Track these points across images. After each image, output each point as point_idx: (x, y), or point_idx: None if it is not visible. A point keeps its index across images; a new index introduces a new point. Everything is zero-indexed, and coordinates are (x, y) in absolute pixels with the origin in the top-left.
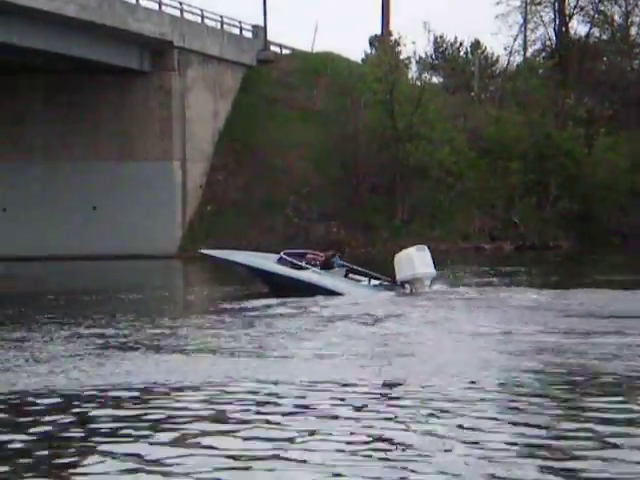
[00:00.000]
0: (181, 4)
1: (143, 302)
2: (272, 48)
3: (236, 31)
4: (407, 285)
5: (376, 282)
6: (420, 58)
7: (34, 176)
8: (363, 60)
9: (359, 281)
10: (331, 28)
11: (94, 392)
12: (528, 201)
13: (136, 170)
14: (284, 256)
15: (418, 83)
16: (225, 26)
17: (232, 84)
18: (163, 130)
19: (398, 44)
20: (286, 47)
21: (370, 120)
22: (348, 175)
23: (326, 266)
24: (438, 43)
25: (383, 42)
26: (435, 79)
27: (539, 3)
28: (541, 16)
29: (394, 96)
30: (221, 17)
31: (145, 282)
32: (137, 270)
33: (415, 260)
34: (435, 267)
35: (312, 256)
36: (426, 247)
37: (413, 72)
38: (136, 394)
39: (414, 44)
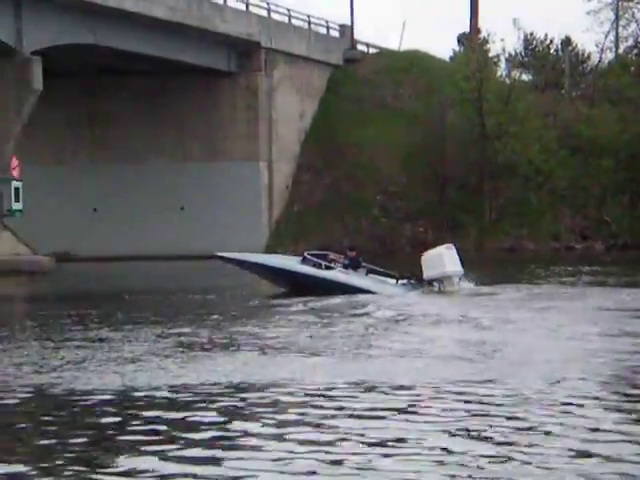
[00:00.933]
0: (268, 4)
1: (227, 302)
2: (359, 47)
3: (323, 30)
4: (435, 283)
5: (404, 281)
6: (509, 55)
7: (123, 177)
8: (451, 58)
9: (384, 280)
10: (419, 26)
11: (178, 390)
12: (620, 199)
13: (223, 171)
14: (308, 256)
15: (507, 81)
16: (312, 26)
17: (319, 84)
18: (250, 131)
19: (487, 42)
20: (373, 46)
21: (458, 118)
22: (435, 174)
23: (353, 266)
24: (528, 40)
25: (471, 40)
26: (525, 77)
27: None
28: (633, 13)
29: (482, 94)
30: (308, 17)
31: (231, 282)
32: (222, 270)
33: (445, 258)
34: (462, 266)
35: (333, 257)
36: (453, 246)
37: (502, 70)
38: (222, 391)
39: (503, 41)
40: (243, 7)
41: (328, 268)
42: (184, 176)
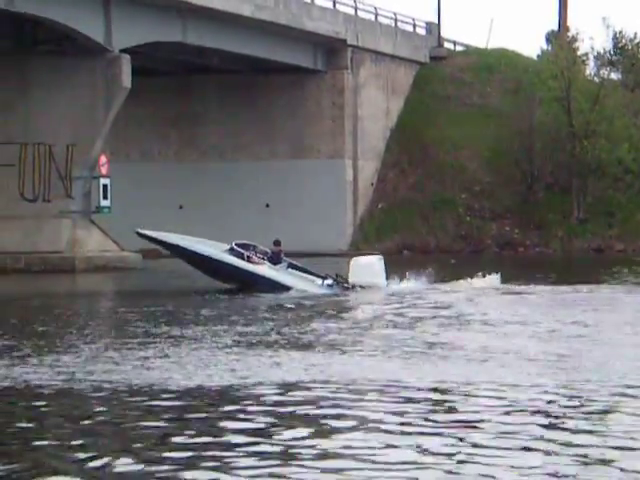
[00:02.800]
0: (355, 2)
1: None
2: (446, 45)
3: (409, 28)
4: (359, 289)
5: (329, 281)
6: (598, 54)
7: (209, 174)
8: (539, 56)
9: (310, 280)
10: (506, 24)
11: (239, 388)
12: None
13: (308, 168)
14: (236, 247)
15: (596, 79)
16: (399, 23)
17: (404, 81)
18: (335, 128)
19: (575, 40)
20: (460, 44)
21: (545, 117)
22: (522, 173)
23: (274, 260)
24: (617, 38)
25: (560, 38)
26: (613, 75)
27: None
28: None
29: (571, 93)
30: (395, 14)
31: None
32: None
33: (375, 268)
34: (387, 279)
35: (259, 250)
36: (383, 258)
37: (591, 68)
38: (281, 390)
39: (592, 40)
40: (330, 5)
41: (249, 260)
42: (270, 174)
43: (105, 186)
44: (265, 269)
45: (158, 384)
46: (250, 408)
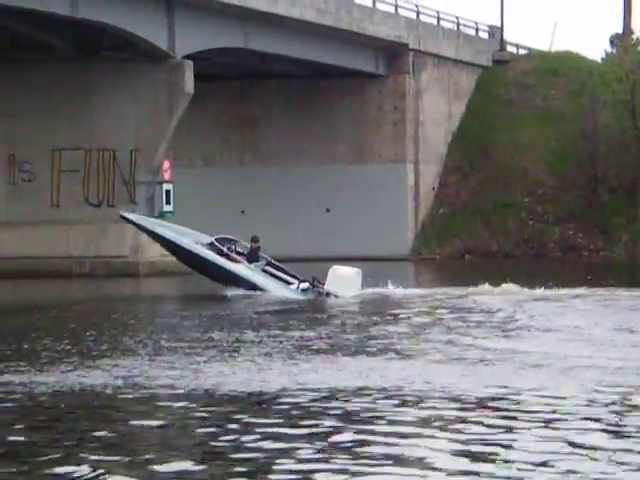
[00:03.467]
0: (417, 7)
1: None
2: (508, 48)
3: (472, 32)
4: (333, 297)
5: (305, 285)
6: None
7: (270, 179)
8: (603, 59)
9: (285, 283)
10: (570, 27)
11: (297, 393)
12: None
13: (369, 172)
14: (215, 242)
15: None
16: (461, 27)
17: (467, 85)
18: (396, 133)
19: None
20: (523, 47)
21: (609, 120)
22: (585, 176)
23: (251, 256)
24: None
25: (624, 41)
26: None
27: None
28: None
29: (635, 95)
30: (457, 18)
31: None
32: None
33: (352, 282)
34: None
35: (242, 245)
36: (361, 272)
37: None
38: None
39: None
40: (392, 10)
41: (227, 257)
42: (330, 178)
43: (168, 191)
44: (241, 268)
45: (218, 389)
46: (312, 414)
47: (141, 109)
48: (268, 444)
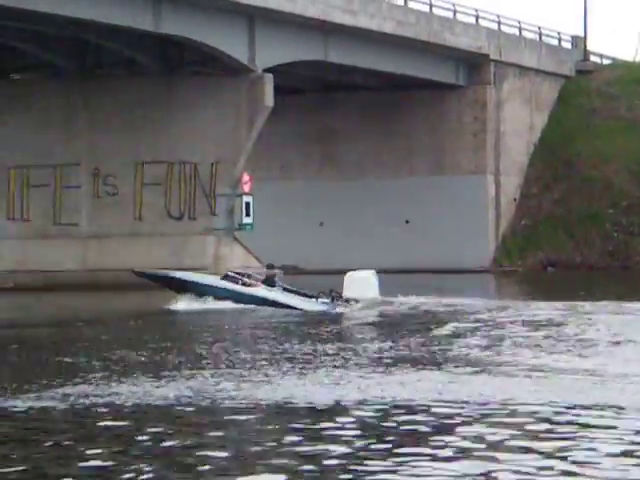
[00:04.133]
0: (499, 17)
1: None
2: (592, 58)
3: (554, 42)
4: (352, 302)
5: (324, 299)
6: None
7: (350, 191)
8: None
9: (306, 299)
10: None
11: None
12: None
13: (449, 184)
14: (230, 274)
15: None
16: (543, 37)
17: (549, 96)
18: (477, 144)
19: None
20: (607, 57)
21: None
22: None
23: (268, 283)
24: None
25: None
26: None
27: None
28: None
29: None
30: (539, 28)
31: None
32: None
33: (369, 283)
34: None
35: (254, 276)
36: (375, 272)
37: None
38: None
39: None
40: (473, 20)
41: (243, 284)
42: (409, 190)
43: (247, 203)
44: (259, 290)
45: (293, 401)
46: (395, 427)
47: (222, 122)
48: (354, 459)
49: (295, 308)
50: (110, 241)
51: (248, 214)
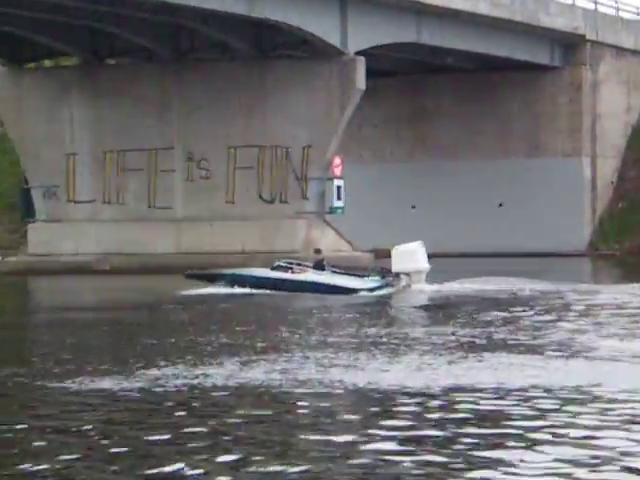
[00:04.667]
0: None
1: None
2: None
3: None
4: (402, 276)
5: (375, 277)
6: None
7: (442, 174)
8: None
9: (356, 278)
10: None
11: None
12: None
13: (543, 167)
14: (280, 264)
15: None
16: None
17: None
18: (572, 126)
19: None
20: None
21: None
22: None
23: (317, 268)
24: None
25: None
26: None
27: None
28: None
29: None
30: (637, 8)
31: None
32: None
33: (417, 254)
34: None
35: (304, 263)
36: (423, 243)
37: None
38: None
39: None
40: (569, 0)
41: (292, 271)
42: (503, 172)
43: (339, 187)
44: (310, 275)
45: (388, 386)
46: (497, 413)
47: (314, 106)
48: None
49: (347, 288)
50: (203, 224)
51: (339, 198)
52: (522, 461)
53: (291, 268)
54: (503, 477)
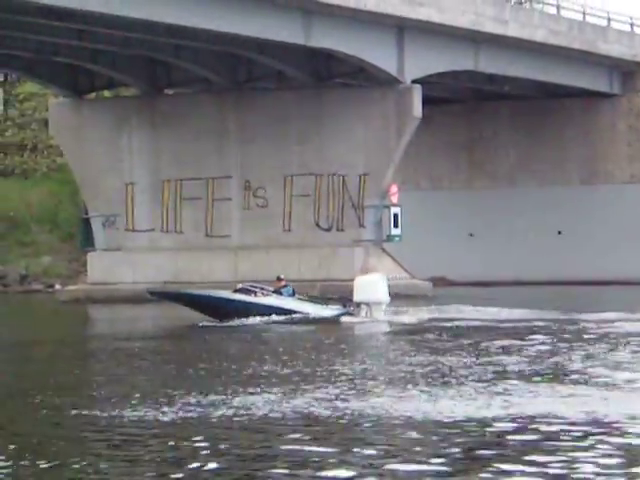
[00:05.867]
0: None
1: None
2: None
3: None
4: (363, 306)
5: (336, 305)
6: None
7: (499, 201)
8: None
9: (315, 305)
10: None
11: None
12: None
13: (603, 193)
14: (242, 287)
15: None
16: None
17: None
18: (632, 152)
19: None
20: None
21: None
22: None
23: (277, 293)
24: None
25: None
26: None
27: None
28: None
29: None
30: None
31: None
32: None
33: (378, 286)
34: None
35: (261, 288)
36: (385, 276)
37: None
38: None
39: None
40: (627, 28)
41: (255, 295)
42: (561, 200)
43: (396, 215)
44: (272, 300)
45: (449, 416)
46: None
47: (370, 134)
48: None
49: (304, 314)
50: (260, 252)
51: (396, 225)
52: None
53: (254, 292)
54: None
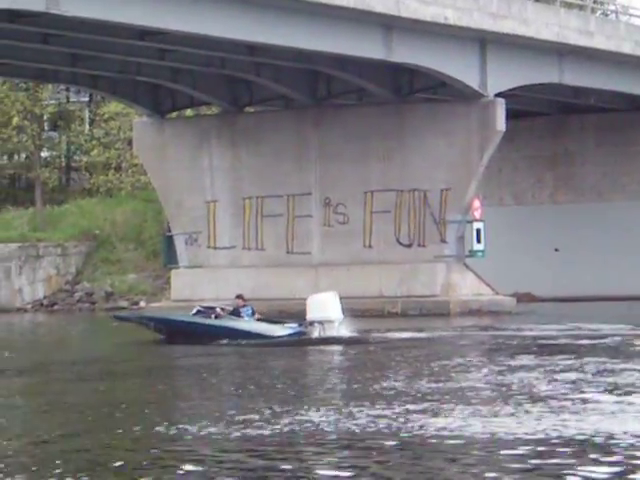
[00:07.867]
0: None
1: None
2: None
3: None
4: (316, 324)
5: (291, 325)
6: None
7: (586, 216)
8: None
9: (271, 325)
10: None
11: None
12: None
13: None
14: (200, 309)
15: None
16: None
17: None
18: None
19: None
20: None
21: None
22: None
23: (235, 313)
24: None
25: None
26: None
27: None
28: None
29: None
30: None
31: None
32: None
33: (329, 304)
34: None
35: (221, 309)
36: (337, 294)
37: None
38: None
39: None
40: None
41: (215, 317)
42: None
43: (478, 230)
44: (227, 321)
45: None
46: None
47: (452, 149)
48: None
49: (261, 335)
50: (341, 269)
51: (479, 240)
52: None
53: (212, 313)
54: None
